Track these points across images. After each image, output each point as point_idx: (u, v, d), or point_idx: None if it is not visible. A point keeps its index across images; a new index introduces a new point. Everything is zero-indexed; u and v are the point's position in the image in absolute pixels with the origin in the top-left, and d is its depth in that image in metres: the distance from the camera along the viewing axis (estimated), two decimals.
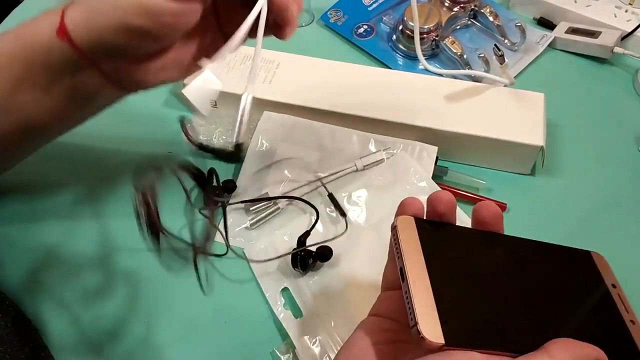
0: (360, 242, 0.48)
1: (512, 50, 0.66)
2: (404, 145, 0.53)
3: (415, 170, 0.52)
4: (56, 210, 0.52)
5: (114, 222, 0.51)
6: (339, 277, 0.46)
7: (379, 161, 0.53)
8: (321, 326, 0.43)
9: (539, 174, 0.55)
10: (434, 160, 0.53)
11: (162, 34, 0.36)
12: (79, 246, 0.50)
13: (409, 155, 0.53)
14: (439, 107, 0.55)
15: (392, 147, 0.53)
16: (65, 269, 0.48)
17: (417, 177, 0.51)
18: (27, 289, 0.47)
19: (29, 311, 0.45)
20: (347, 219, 0.49)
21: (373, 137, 0.54)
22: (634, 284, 0.48)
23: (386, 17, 0.69)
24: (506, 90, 0.57)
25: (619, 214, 0.52)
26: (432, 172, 0.52)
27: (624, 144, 0.58)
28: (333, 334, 0.43)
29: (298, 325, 0.44)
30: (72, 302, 0.46)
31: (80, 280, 0.48)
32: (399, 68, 0.65)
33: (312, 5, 0.72)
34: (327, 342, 0.43)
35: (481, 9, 0.67)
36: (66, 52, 0.36)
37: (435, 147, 0.53)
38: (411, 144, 0.54)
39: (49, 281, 0.47)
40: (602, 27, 0.66)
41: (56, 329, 0.45)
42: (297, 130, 0.55)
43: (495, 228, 0.34)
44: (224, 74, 0.38)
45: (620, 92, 0.63)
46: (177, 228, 0.48)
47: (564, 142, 0.58)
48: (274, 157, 0.54)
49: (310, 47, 0.63)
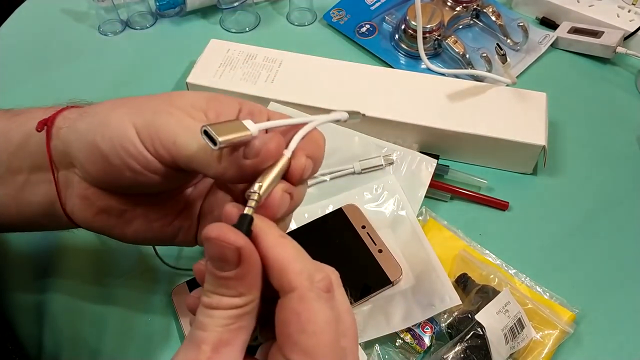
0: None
1: (514, 50, 0.66)
2: (404, 154, 0.53)
3: (400, 199, 0.50)
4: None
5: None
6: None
7: (377, 166, 0.52)
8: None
9: (540, 174, 0.55)
10: (431, 174, 0.52)
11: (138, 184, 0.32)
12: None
13: (406, 169, 0.52)
14: (441, 106, 0.55)
15: (392, 154, 0.53)
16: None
17: (400, 205, 0.50)
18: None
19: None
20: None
21: (374, 142, 0.54)
22: (635, 284, 0.48)
23: (389, 16, 0.69)
24: (508, 89, 0.57)
25: (620, 214, 0.52)
26: (427, 185, 0.51)
27: (626, 144, 0.58)
28: None
29: None
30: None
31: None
32: (402, 67, 0.65)
33: (315, 5, 0.72)
34: None
35: (484, 8, 0.67)
36: (38, 146, 0.33)
37: (434, 160, 0.53)
38: (412, 154, 0.53)
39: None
40: (605, 27, 0.66)
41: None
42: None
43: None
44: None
45: (623, 92, 0.63)
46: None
47: (566, 141, 0.58)
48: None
49: (313, 46, 0.64)
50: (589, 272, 0.48)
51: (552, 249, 0.50)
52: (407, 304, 0.44)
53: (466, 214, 0.52)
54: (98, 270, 0.48)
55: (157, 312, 0.46)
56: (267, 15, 0.73)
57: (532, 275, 0.47)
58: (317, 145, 0.30)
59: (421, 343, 0.43)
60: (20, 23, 0.73)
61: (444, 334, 0.43)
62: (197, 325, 0.25)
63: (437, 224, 0.50)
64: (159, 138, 0.30)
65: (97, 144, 0.31)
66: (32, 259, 0.49)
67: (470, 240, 0.49)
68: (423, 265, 0.46)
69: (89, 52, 0.69)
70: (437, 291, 0.43)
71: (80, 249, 0.49)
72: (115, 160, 0.31)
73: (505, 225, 0.52)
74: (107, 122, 0.31)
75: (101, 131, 0.31)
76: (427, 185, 0.52)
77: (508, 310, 0.42)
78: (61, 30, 0.72)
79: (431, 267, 0.45)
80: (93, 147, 0.31)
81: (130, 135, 0.30)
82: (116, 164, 0.31)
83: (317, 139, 0.31)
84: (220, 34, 0.71)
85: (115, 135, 0.30)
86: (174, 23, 0.72)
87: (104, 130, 0.31)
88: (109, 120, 0.31)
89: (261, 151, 0.27)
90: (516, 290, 0.45)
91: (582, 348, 0.44)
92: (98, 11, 0.70)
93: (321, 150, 0.31)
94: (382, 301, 0.44)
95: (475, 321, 0.41)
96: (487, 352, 0.40)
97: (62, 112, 0.34)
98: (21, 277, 0.48)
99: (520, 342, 0.42)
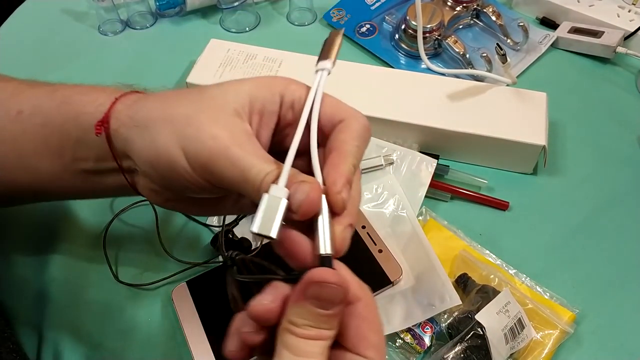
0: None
1: (514, 50, 0.66)
2: (404, 154, 0.53)
3: (400, 199, 0.51)
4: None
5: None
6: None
7: (378, 166, 0.52)
8: None
9: (541, 174, 0.55)
10: (432, 174, 0.52)
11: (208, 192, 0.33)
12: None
13: (407, 169, 0.52)
14: (441, 106, 0.55)
15: (392, 154, 0.53)
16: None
17: (400, 205, 0.50)
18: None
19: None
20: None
21: (375, 141, 0.54)
22: (635, 284, 0.48)
23: (389, 16, 0.69)
24: (508, 89, 0.57)
25: (620, 214, 0.52)
26: (428, 184, 0.52)
27: (626, 144, 0.58)
28: None
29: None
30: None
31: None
32: (402, 67, 0.65)
33: (315, 5, 0.72)
34: None
35: (484, 8, 0.67)
36: (99, 143, 0.34)
37: (435, 159, 0.53)
38: (412, 154, 0.53)
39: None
40: (605, 27, 0.66)
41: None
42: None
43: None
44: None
45: (623, 92, 0.63)
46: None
47: (566, 141, 0.58)
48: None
49: (313, 46, 0.63)
50: (589, 272, 0.48)
51: (552, 249, 0.50)
52: (407, 304, 0.44)
53: (466, 214, 0.52)
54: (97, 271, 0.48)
55: (157, 312, 0.46)
56: (267, 15, 0.73)
57: (532, 275, 0.47)
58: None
59: (421, 343, 0.43)
60: (20, 23, 0.73)
61: (444, 334, 0.43)
62: (299, 352, 0.27)
63: (437, 224, 0.50)
64: (209, 171, 0.30)
65: (151, 162, 0.32)
66: (32, 258, 0.49)
67: (470, 240, 0.49)
68: (423, 265, 0.46)
69: (89, 52, 0.69)
70: (437, 291, 0.43)
71: (80, 248, 0.49)
72: (170, 174, 0.31)
73: (505, 225, 0.52)
74: (156, 145, 0.31)
75: (154, 151, 0.31)
76: (427, 185, 0.52)
77: (508, 310, 0.42)
78: (61, 30, 0.72)
79: (431, 267, 0.45)
80: (147, 161, 0.32)
81: (181, 163, 0.30)
82: (172, 178, 0.32)
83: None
84: (220, 33, 0.71)
85: (167, 161, 0.31)
86: (174, 23, 0.72)
87: (156, 152, 0.31)
88: (157, 143, 0.31)
89: (300, 210, 0.28)
90: (516, 290, 0.45)
91: (582, 348, 0.44)
92: (98, 11, 0.70)
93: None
94: (383, 301, 0.44)
95: (475, 321, 0.41)
96: (487, 352, 0.40)
97: (114, 106, 0.34)
98: (21, 276, 0.48)
99: (520, 342, 0.42)
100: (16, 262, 0.49)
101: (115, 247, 0.49)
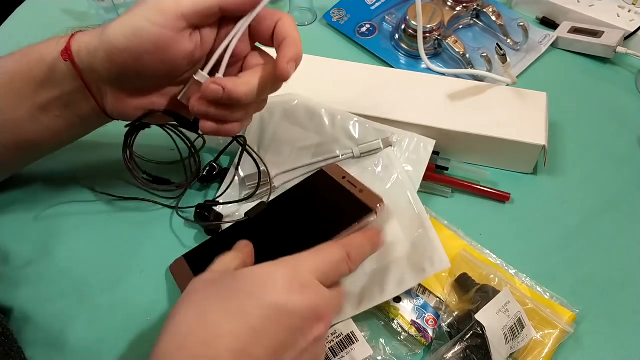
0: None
1: (514, 50, 0.66)
2: (402, 137, 0.53)
3: (398, 170, 0.51)
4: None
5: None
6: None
7: (376, 150, 0.53)
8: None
9: (541, 173, 0.55)
10: (430, 153, 0.52)
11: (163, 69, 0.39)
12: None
13: (405, 149, 0.53)
14: (441, 106, 0.55)
15: (390, 137, 0.53)
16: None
17: (398, 175, 0.51)
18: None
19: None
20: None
21: (373, 126, 0.54)
22: (635, 284, 0.48)
23: (389, 16, 0.69)
24: (508, 89, 0.57)
25: (620, 214, 0.52)
26: (426, 164, 0.52)
27: (626, 144, 0.58)
28: None
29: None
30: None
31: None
32: (402, 67, 0.65)
33: (315, 5, 0.72)
34: None
35: (484, 8, 0.67)
36: (67, 72, 0.40)
37: (433, 140, 0.53)
38: (409, 136, 0.53)
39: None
40: (605, 27, 0.66)
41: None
42: (297, 111, 0.55)
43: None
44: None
45: (623, 92, 0.63)
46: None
47: (566, 141, 0.58)
48: (274, 135, 0.54)
49: (313, 46, 0.63)
50: (589, 272, 0.48)
51: (553, 249, 0.50)
52: (401, 270, 0.44)
53: (467, 211, 0.52)
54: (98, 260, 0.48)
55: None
56: None
57: (532, 275, 0.47)
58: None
59: (426, 336, 0.43)
60: (20, 23, 0.73)
61: (444, 333, 0.43)
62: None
63: (438, 223, 0.50)
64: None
65: (134, 31, 0.37)
66: (31, 259, 0.49)
67: (470, 240, 0.49)
68: (417, 231, 0.46)
69: None
70: (427, 254, 0.44)
71: (79, 247, 0.49)
72: (144, 46, 0.37)
73: (505, 225, 0.52)
74: (143, 10, 0.37)
75: (137, 19, 0.37)
76: (427, 163, 0.52)
77: (508, 310, 0.42)
78: (61, 30, 0.71)
79: (424, 233, 0.45)
80: (125, 36, 0.37)
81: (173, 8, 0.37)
82: (142, 48, 0.37)
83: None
84: None
85: (158, 11, 0.37)
86: None
87: (140, 16, 0.37)
88: (145, 8, 0.37)
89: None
90: (516, 290, 0.45)
91: (582, 348, 0.44)
92: (98, 11, 0.70)
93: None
94: (378, 273, 0.45)
95: (475, 321, 0.41)
96: (487, 351, 0.40)
97: (73, 37, 0.40)
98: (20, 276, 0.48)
99: (520, 341, 0.42)
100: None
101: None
